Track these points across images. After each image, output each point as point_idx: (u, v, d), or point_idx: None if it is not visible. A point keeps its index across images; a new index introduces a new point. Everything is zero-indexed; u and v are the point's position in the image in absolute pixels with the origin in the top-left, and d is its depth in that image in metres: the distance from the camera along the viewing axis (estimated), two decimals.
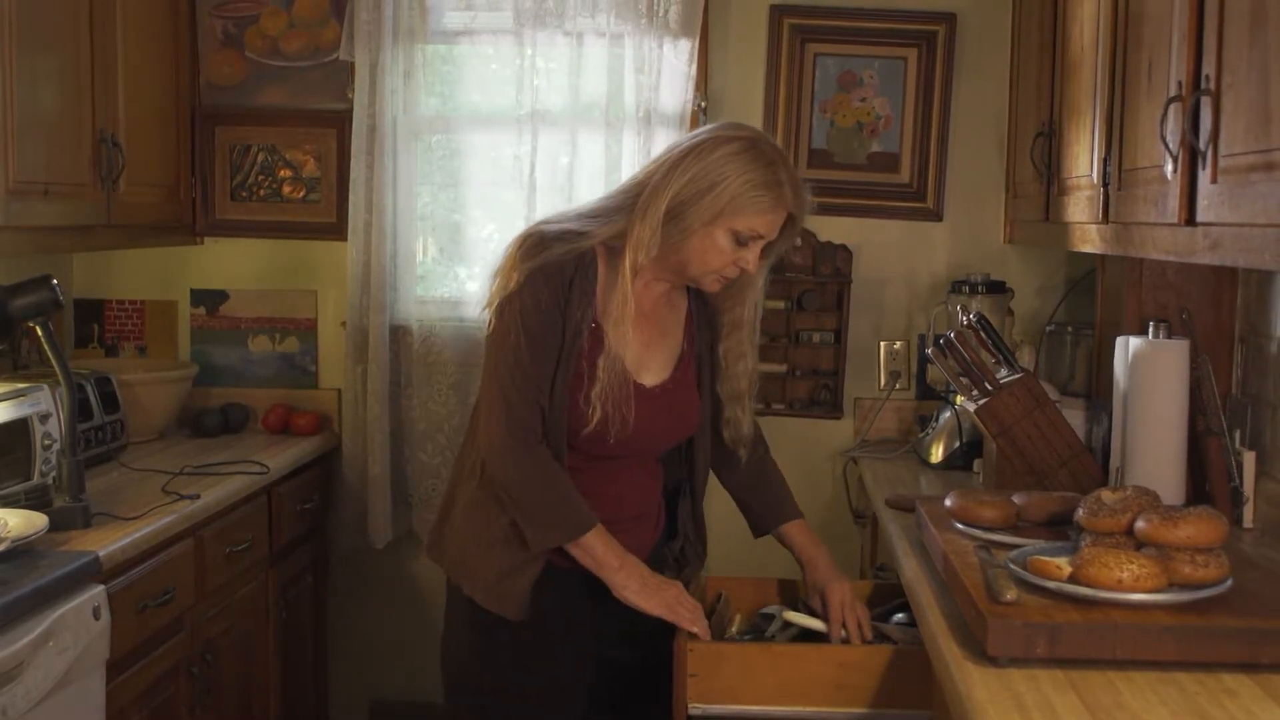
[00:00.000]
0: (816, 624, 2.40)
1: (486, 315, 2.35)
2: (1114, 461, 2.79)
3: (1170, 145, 2.08)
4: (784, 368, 3.79)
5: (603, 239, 2.31)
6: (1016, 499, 2.45)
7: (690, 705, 2.24)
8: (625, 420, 2.31)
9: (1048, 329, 3.65)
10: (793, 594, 2.60)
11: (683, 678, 2.24)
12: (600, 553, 2.31)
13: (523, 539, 2.32)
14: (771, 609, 2.54)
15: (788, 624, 2.44)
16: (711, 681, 2.24)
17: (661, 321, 2.44)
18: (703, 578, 2.66)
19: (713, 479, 2.63)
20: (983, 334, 3.00)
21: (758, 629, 2.52)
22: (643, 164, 3.64)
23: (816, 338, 3.80)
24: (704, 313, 2.50)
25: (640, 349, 2.38)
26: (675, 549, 2.55)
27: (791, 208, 2.32)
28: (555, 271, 2.27)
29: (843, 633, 2.38)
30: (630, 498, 2.46)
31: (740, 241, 2.29)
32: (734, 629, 2.51)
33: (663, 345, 2.44)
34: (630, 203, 2.31)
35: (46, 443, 2.77)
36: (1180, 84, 2.06)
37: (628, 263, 2.29)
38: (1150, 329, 2.72)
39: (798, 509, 2.61)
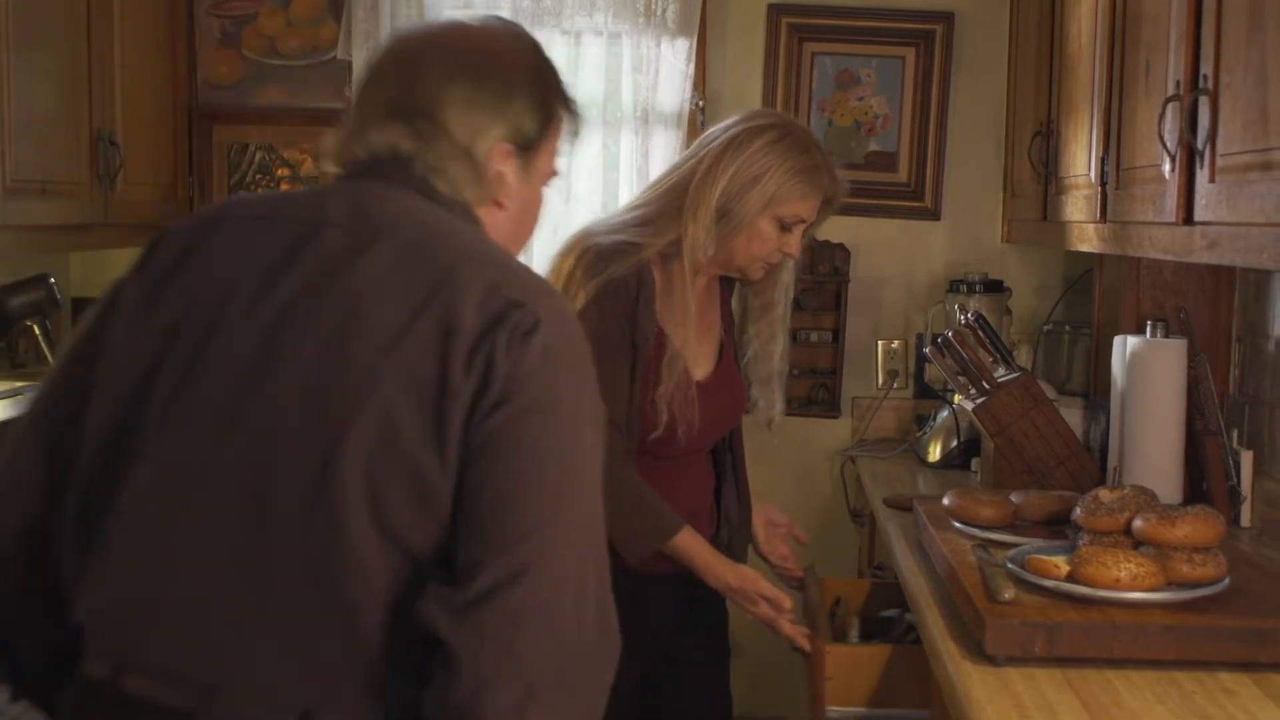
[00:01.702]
0: None
1: None
2: (1112, 461, 2.79)
3: (1168, 144, 2.08)
4: None
5: (658, 249, 2.33)
6: (1014, 498, 2.45)
7: (827, 708, 2.24)
8: (690, 420, 2.33)
9: (1046, 328, 3.65)
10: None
11: (820, 680, 2.24)
12: (693, 550, 2.33)
13: None
14: (891, 612, 2.55)
15: (911, 626, 2.44)
16: (849, 684, 2.25)
17: (705, 315, 2.45)
18: (821, 580, 2.65)
19: None
20: (981, 333, 3.00)
21: (882, 632, 2.52)
22: (639, 163, 3.67)
23: (814, 337, 3.81)
24: (728, 297, 2.54)
25: (693, 345, 2.40)
26: (724, 539, 2.54)
27: (829, 190, 2.37)
28: (621, 287, 2.27)
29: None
30: (690, 494, 2.46)
31: (784, 227, 2.34)
32: (854, 633, 2.51)
33: (707, 338, 2.47)
34: (676, 206, 2.33)
35: None
36: (1178, 83, 2.06)
37: (687, 266, 2.31)
38: (1148, 328, 2.72)
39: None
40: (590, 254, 2.30)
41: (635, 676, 2.39)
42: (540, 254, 3.72)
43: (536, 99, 1.59)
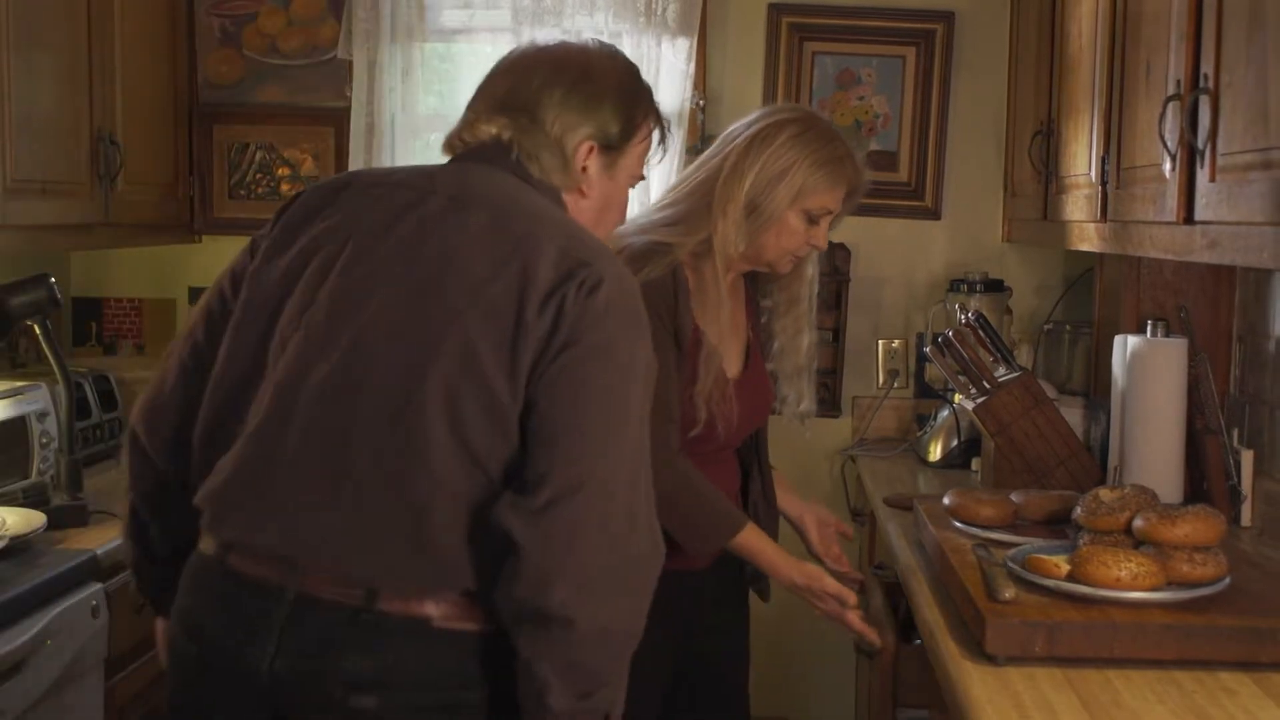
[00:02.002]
0: None
1: None
2: (1112, 460, 2.79)
3: (1169, 144, 2.08)
4: None
5: (689, 249, 2.33)
6: (1015, 497, 2.45)
7: (898, 711, 2.24)
8: (729, 416, 2.35)
9: (1046, 328, 3.65)
10: None
11: (888, 682, 2.24)
12: (759, 547, 2.34)
13: None
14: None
15: None
16: (919, 686, 2.25)
17: (734, 313, 2.46)
18: (889, 578, 2.66)
19: None
20: (981, 333, 3.00)
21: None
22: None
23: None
24: (754, 294, 2.54)
25: (726, 343, 2.42)
26: None
27: (854, 180, 2.39)
28: (660, 287, 2.28)
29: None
30: (721, 490, 2.44)
31: (812, 220, 2.35)
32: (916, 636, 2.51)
33: (737, 336, 2.47)
34: (705, 204, 2.34)
35: (44, 441, 2.76)
36: (1179, 83, 2.06)
37: (719, 264, 2.32)
38: (1148, 328, 2.72)
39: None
40: (624, 255, 2.29)
41: (665, 673, 2.40)
42: None
43: (624, 109, 1.84)
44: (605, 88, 1.82)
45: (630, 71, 1.89)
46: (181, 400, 1.80)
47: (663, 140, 1.97)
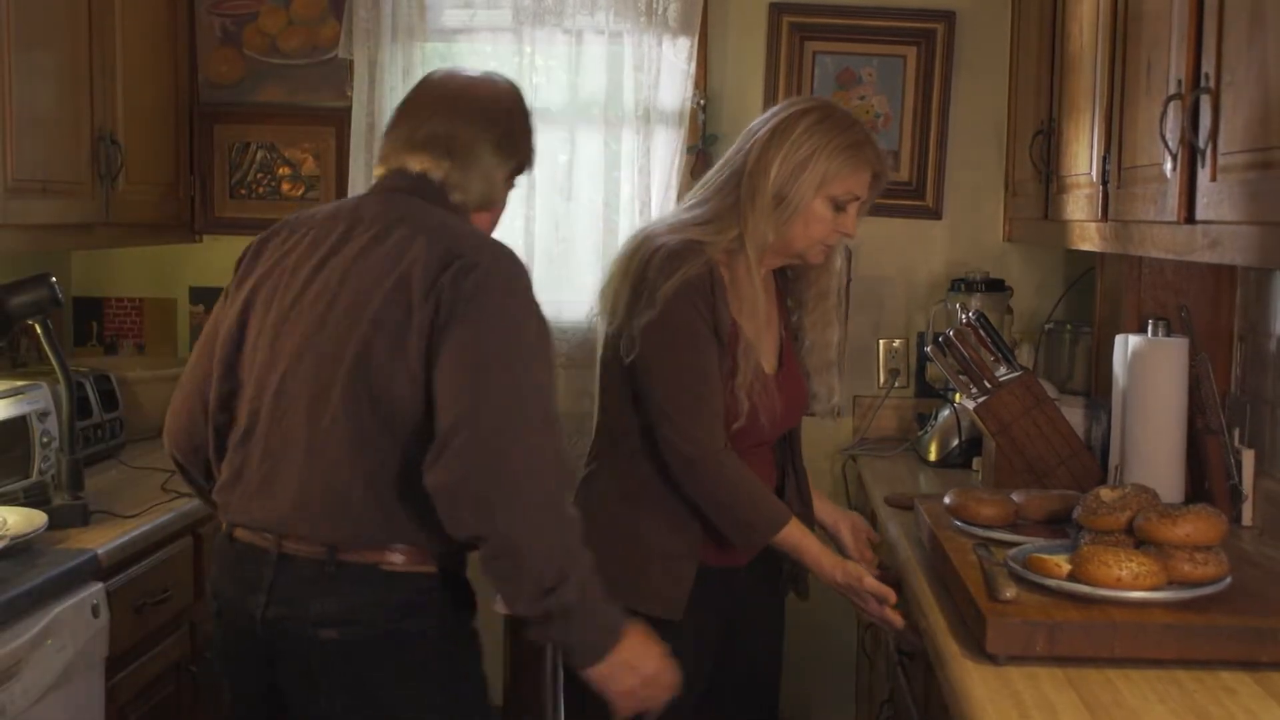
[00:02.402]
0: None
1: (605, 324, 2.44)
2: (1113, 460, 2.79)
3: (1169, 143, 2.08)
4: None
5: (722, 246, 2.35)
6: (1015, 497, 2.45)
7: None
8: (772, 408, 2.37)
9: (1047, 327, 3.65)
10: None
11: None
12: (803, 544, 2.36)
13: (665, 540, 2.36)
14: None
15: None
16: None
17: (768, 309, 2.46)
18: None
19: None
20: (982, 332, 3.00)
21: None
22: (640, 162, 3.67)
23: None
24: (784, 293, 2.55)
25: (762, 338, 2.43)
26: None
27: (876, 164, 2.41)
28: (699, 284, 2.30)
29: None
30: None
31: (838, 207, 2.38)
32: None
33: (770, 332, 2.48)
34: (733, 201, 2.36)
35: (45, 440, 2.76)
36: (1180, 82, 2.06)
37: (753, 258, 2.35)
38: (1149, 327, 2.72)
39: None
40: (660, 255, 2.31)
41: (705, 669, 2.40)
42: (544, 250, 3.73)
43: (530, 141, 2.21)
44: (524, 129, 2.19)
45: (525, 103, 2.24)
46: (188, 423, 2.20)
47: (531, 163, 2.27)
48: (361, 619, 1.96)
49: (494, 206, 2.18)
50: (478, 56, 3.83)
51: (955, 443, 3.37)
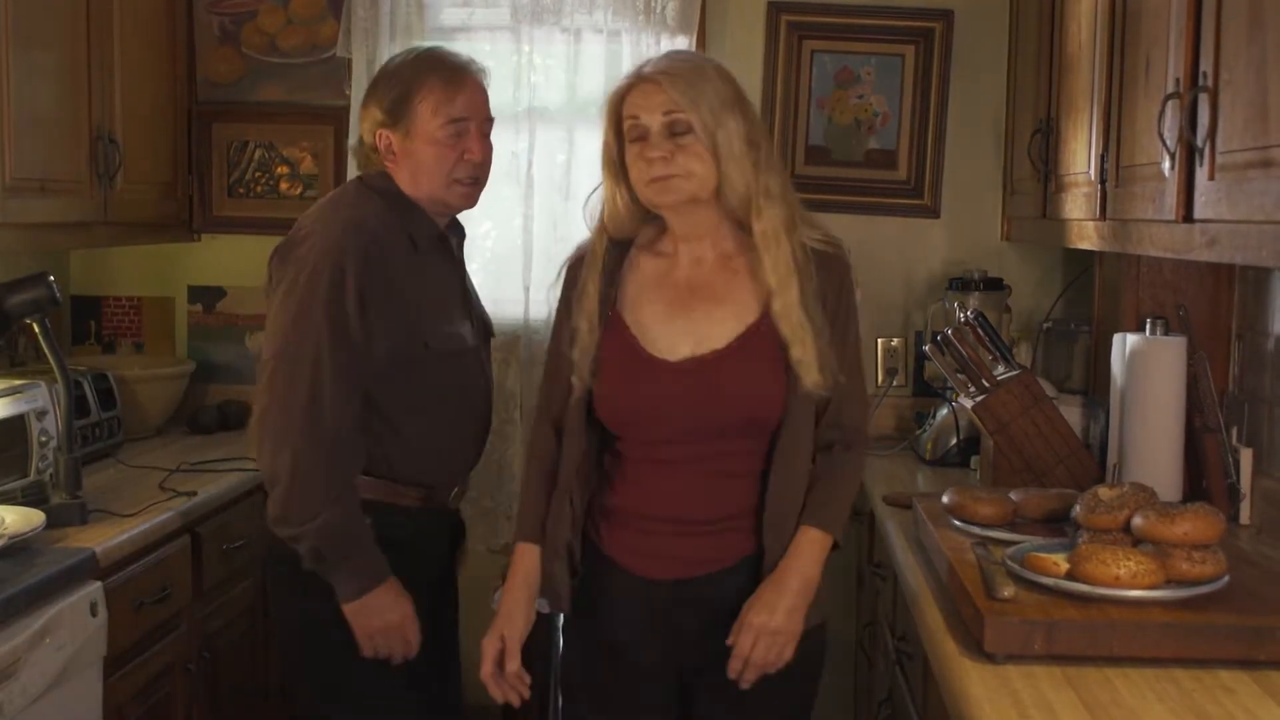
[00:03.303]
0: None
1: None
2: (1111, 458, 2.80)
3: (1168, 142, 2.08)
4: None
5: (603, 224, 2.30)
6: (1014, 496, 2.45)
7: None
8: (644, 394, 2.18)
9: (1045, 326, 3.65)
10: None
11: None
12: (513, 568, 2.31)
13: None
14: None
15: None
16: None
17: (712, 289, 2.23)
18: None
19: None
20: (980, 331, 3.00)
21: None
22: None
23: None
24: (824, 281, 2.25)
25: (666, 321, 2.22)
26: (767, 565, 2.20)
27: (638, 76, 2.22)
28: (571, 260, 2.37)
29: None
30: (675, 502, 2.22)
31: (634, 139, 2.19)
32: None
33: (710, 316, 2.21)
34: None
35: (43, 440, 2.76)
36: (1178, 81, 2.06)
37: (610, 229, 2.30)
38: (1147, 326, 2.72)
39: (822, 518, 2.20)
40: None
41: (668, 686, 2.29)
42: (542, 249, 3.73)
43: (386, 91, 2.51)
44: (372, 91, 2.55)
45: (396, 59, 2.59)
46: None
47: (447, 82, 2.49)
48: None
49: (387, 162, 2.52)
50: (476, 55, 3.80)
51: (953, 442, 3.37)
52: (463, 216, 2.68)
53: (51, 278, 2.65)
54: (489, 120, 2.58)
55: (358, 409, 2.40)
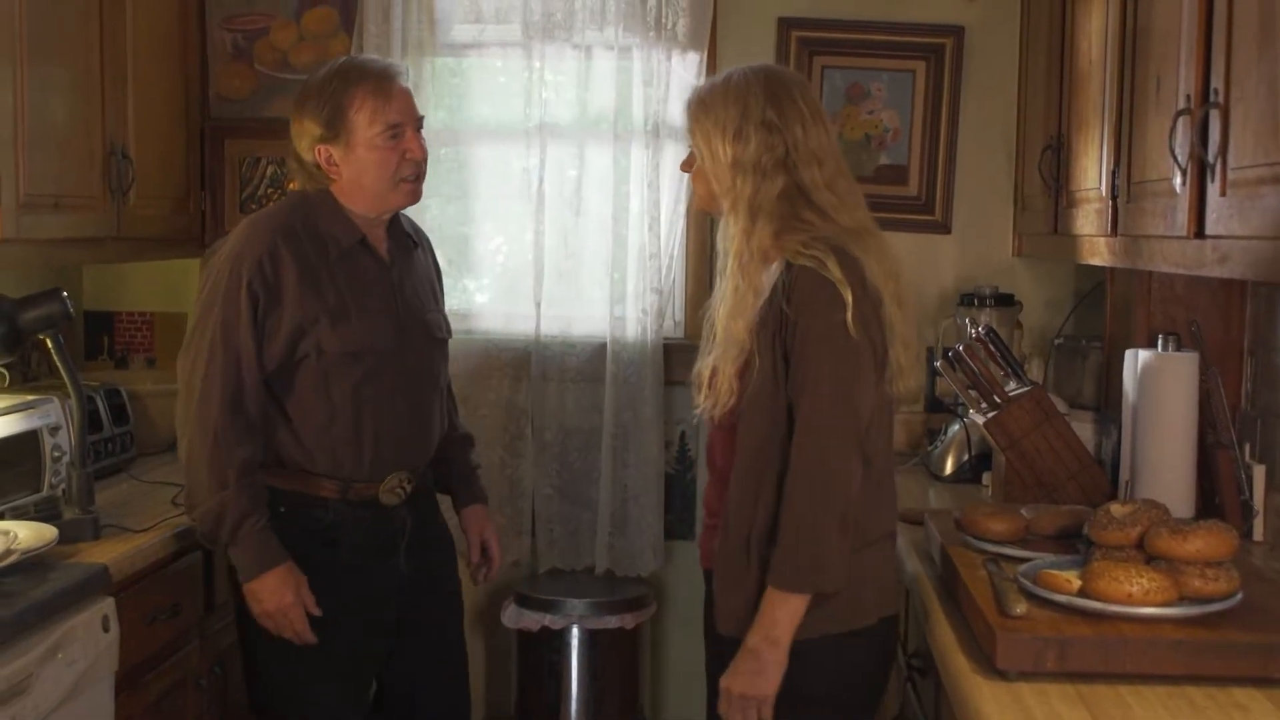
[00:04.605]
0: None
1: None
2: (1123, 474, 2.79)
3: (1179, 158, 2.07)
4: None
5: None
6: (1025, 512, 2.44)
7: None
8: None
9: (1056, 342, 3.65)
10: None
11: None
12: None
13: None
14: None
15: None
16: None
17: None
18: None
19: None
20: (991, 347, 2.99)
21: None
22: (650, 177, 3.68)
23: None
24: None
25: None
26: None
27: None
28: None
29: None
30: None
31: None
32: None
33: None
34: None
35: (56, 455, 2.77)
36: (1189, 97, 2.06)
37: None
38: (1159, 342, 2.72)
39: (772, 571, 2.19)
40: None
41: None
42: (553, 265, 3.74)
43: (318, 109, 2.63)
44: (302, 104, 2.69)
45: (318, 75, 2.70)
46: None
47: (377, 88, 2.61)
48: None
49: (329, 176, 2.65)
50: (487, 71, 3.85)
51: (965, 458, 3.37)
52: (472, 230, 2.72)
53: (65, 293, 2.66)
54: (420, 119, 2.73)
55: (252, 404, 2.58)
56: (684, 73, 3.69)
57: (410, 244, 2.82)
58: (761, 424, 2.19)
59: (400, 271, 2.74)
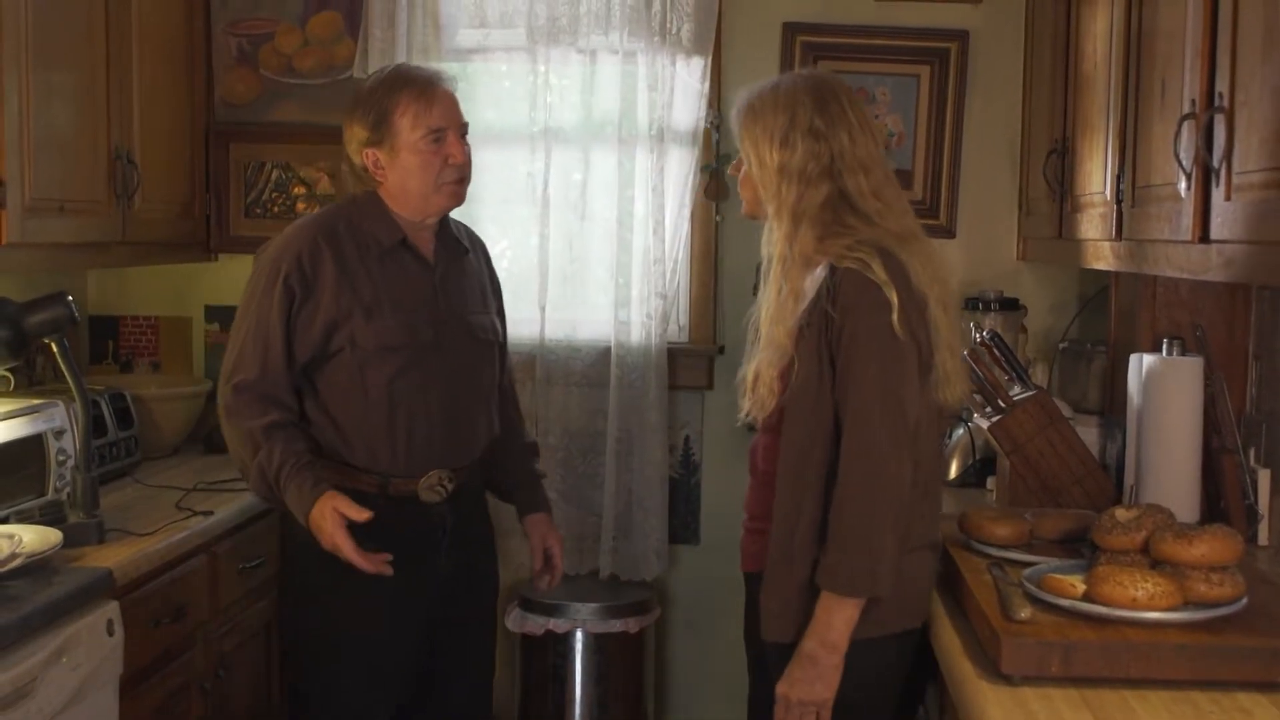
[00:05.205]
0: None
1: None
2: (1128, 479, 2.79)
3: (1184, 163, 2.07)
4: None
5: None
6: (1030, 516, 2.44)
7: None
8: None
9: (1061, 346, 3.65)
10: None
11: None
12: None
13: None
14: None
15: None
16: None
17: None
18: None
19: None
20: (996, 351, 2.99)
21: None
22: (654, 181, 3.68)
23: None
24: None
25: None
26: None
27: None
28: None
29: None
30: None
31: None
32: None
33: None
34: None
35: (61, 459, 2.77)
36: (1194, 101, 2.06)
37: None
38: (1164, 346, 2.71)
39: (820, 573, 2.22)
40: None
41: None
42: (558, 269, 3.74)
43: (366, 114, 2.69)
44: (351, 111, 2.72)
45: (369, 81, 2.78)
46: None
47: (420, 93, 2.67)
48: None
49: (376, 179, 2.71)
50: (492, 76, 3.85)
51: (969, 462, 3.36)
52: (477, 235, 2.73)
53: (69, 297, 2.67)
54: (464, 125, 2.76)
55: (280, 391, 2.65)
56: (688, 77, 3.69)
57: (462, 249, 2.86)
58: (805, 427, 2.20)
59: (445, 273, 2.78)
